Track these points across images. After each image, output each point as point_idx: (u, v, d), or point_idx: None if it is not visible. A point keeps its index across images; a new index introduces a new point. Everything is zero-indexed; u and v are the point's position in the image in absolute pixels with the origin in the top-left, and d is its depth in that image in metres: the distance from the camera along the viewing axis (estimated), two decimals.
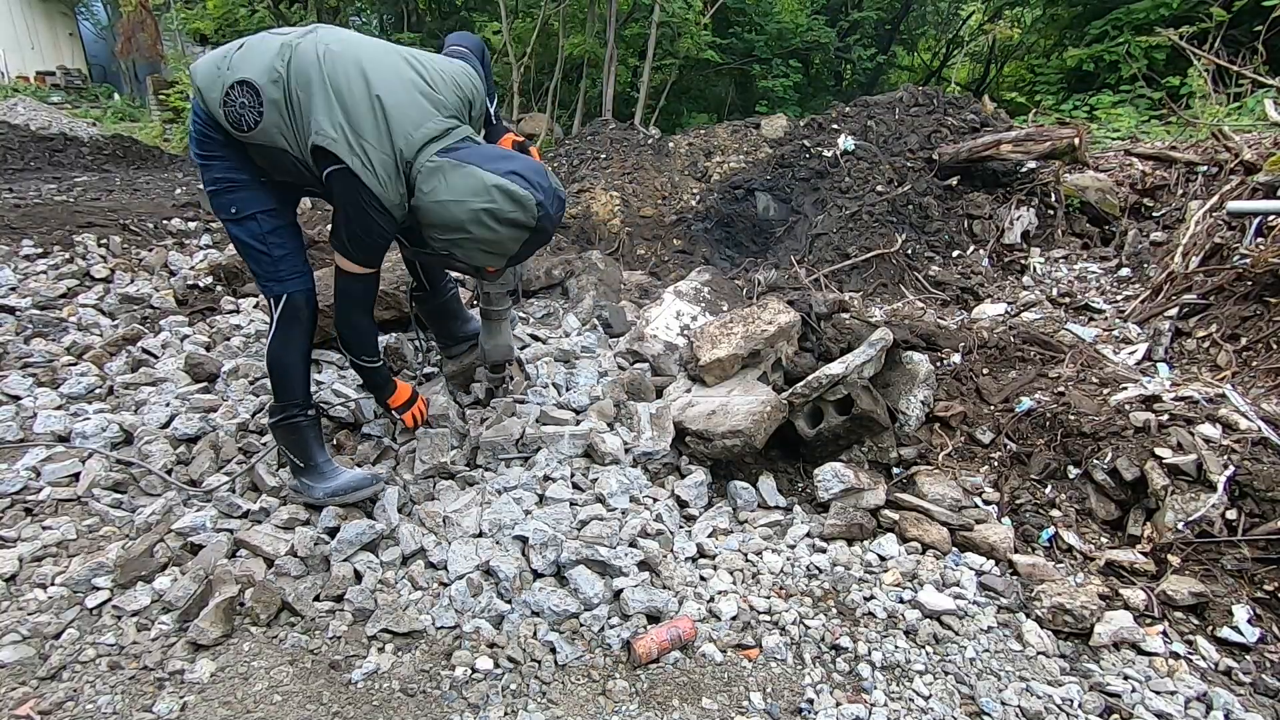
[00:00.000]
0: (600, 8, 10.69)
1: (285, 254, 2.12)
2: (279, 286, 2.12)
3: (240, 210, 2.05)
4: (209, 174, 2.05)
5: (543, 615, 1.98)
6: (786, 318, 2.98)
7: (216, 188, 2.05)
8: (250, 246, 2.09)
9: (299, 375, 2.23)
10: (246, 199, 2.05)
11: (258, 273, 2.13)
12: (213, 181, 2.04)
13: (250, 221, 2.06)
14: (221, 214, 2.08)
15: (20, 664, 1.74)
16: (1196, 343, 3.38)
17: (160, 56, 15.53)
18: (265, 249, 2.08)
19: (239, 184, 2.04)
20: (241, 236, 2.08)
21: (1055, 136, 5.01)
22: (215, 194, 2.06)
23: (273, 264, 2.09)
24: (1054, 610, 2.08)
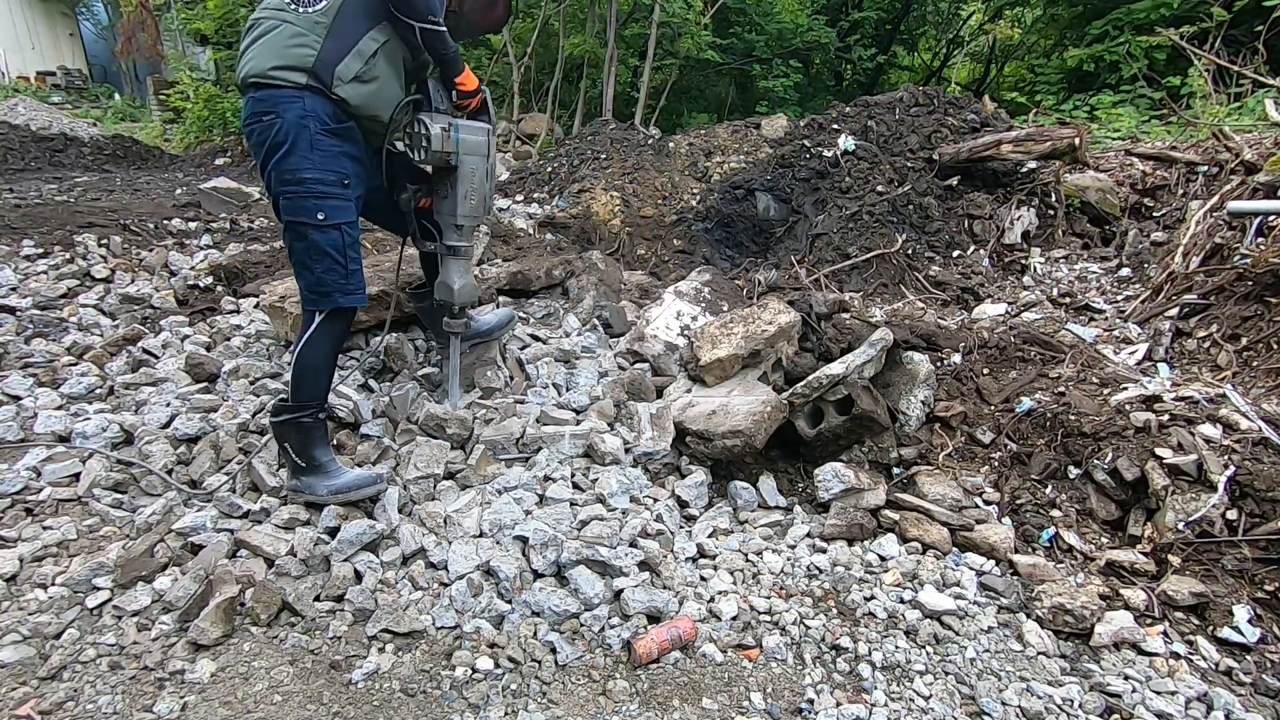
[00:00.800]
0: (600, 8, 10.69)
1: (356, 269, 2.21)
2: (347, 299, 2.19)
3: (329, 218, 2.11)
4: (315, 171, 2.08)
5: (543, 615, 1.99)
6: (786, 318, 2.99)
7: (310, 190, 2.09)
8: (330, 256, 2.13)
9: (326, 380, 2.26)
10: (337, 208, 2.12)
11: (326, 281, 2.15)
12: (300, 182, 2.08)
13: (334, 231, 2.13)
14: (303, 217, 2.10)
15: (20, 664, 1.74)
16: (1197, 343, 3.38)
17: (160, 56, 15.53)
18: (343, 261, 2.16)
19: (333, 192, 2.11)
20: (322, 244, 2.12)
21: (1055, 136, 5.01)
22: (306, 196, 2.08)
23: (345, 276, 2.17)
24: (1054, 610, 2.08)
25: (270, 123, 2.05)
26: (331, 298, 2.16)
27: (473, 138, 2.41)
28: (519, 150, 9.67)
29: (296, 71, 2.04)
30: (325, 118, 2.08)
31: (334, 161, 2.11)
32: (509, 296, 3.61)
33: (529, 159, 8.68)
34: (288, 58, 2.04)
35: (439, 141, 2.31)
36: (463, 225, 2.50)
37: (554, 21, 10.91)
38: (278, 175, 2.08)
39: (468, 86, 2.38)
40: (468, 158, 2.41)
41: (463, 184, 2.43)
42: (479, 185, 2.47)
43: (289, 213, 2.10)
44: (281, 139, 2.04)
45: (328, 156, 2.09)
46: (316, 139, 2.06)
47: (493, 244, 4.35)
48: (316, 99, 2.06)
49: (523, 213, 6.00)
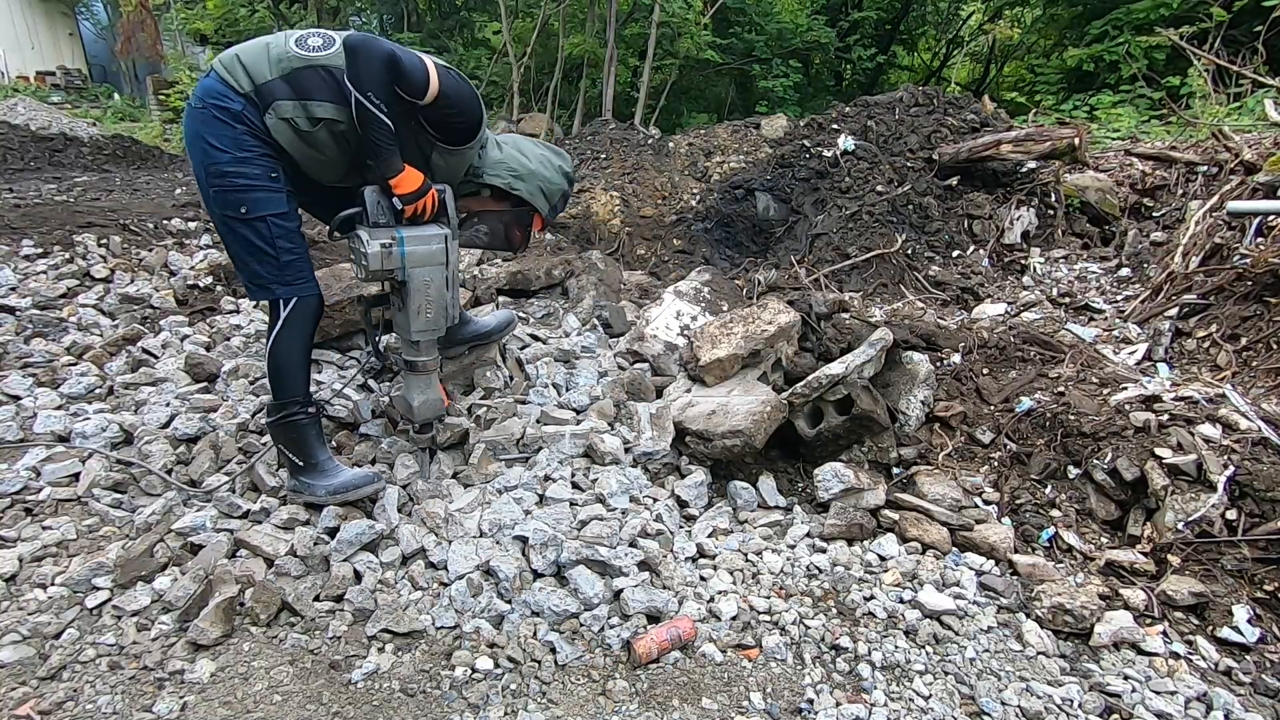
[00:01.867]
0: (600, 8, 10.69)
1: (293, 259, 2.15)
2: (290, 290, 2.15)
3: (251, 210, 2.07)
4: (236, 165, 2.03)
5: (543, 615, 1.99)
6: (786, 318, 2.99)
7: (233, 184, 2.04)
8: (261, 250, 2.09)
9: (300, 374, 2.24)
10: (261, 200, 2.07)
11: (261, 274, 2.12)
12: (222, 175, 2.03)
13: (259, 223, 2.08)
14: (228, 211, 2.06)
15: (20, 664, 1.74)
16: (1196, 343, 3.38)
17: (160, 56, 15.55)
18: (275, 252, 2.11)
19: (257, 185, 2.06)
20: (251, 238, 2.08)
21: (1055, 136, 5.01)
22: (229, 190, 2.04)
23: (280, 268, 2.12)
24: (1054, 610, 2.09)
25: (199, 111, 2.02)
26: (269, 289, 2.13)
27: (423, 248, 2.16)
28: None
29: (247, 78, 2.01)
30: (257, 129, 2.04)
31: (259, 159, 2.05)
32: (509, 296, 3.61)
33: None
34: (249, 64, 2.02)
35: (378, 260, 2.09)
36: (418, 341, 2.28)
37: (554, 21, 10.91)
38: (203, 168, 2.04)
39: (405, 189, 2.11)
40: (418, 270, 2.16)
41: (415, 299, 2.20)
42: (435, 298, 2.23)
43: (217, 206, 2.07)
44: (207, 131, 2.01)
45: (252, 155, 2.04)
46: (241, 139, 2.01)
47: None
48: (251, 110, 2.03)
49: None
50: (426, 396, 2.34)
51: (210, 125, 2.01)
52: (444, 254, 2.21)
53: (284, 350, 2.19)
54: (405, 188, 2.11)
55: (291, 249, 2.13)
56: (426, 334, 2.29)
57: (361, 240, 2.10)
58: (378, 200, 2.12)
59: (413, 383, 2.34)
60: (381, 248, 2.09)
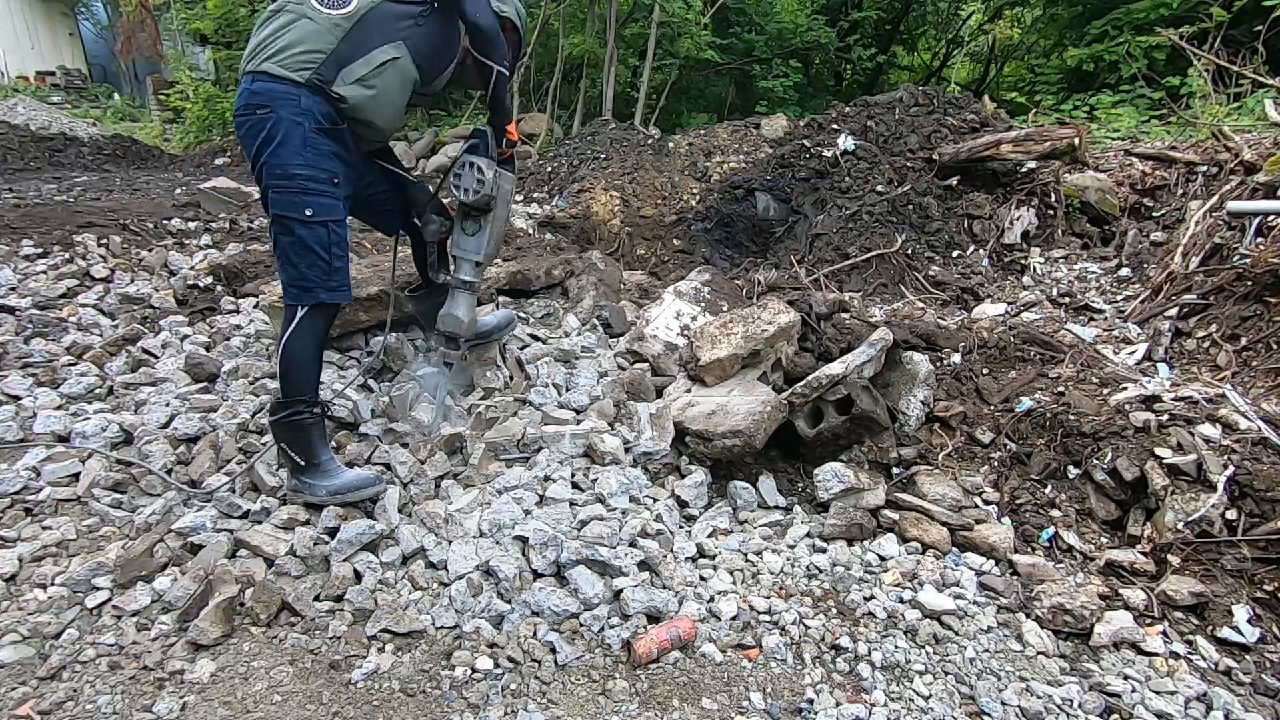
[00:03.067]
0: (600, 8, 10.69)
1: (341, 266, 2.23)
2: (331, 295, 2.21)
3: (316, 214, 2.12)
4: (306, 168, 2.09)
5: (543, 615, 1.99)
6: (786, 318, 2.99)
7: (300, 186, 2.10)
8: (315, 253, 2.14)
9: (312, 374, 2.25)
10: (326, 205, 2.14)
11: (309, 276, 2.16)
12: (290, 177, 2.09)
13: (320, 228, 2.14)
14: (291, 212, 2.11)
15: (20, 664, 1.74)
16: (1196, 343, 3.38)
17: (160, 56, 15.55)
18: (328, 258, 2.16)
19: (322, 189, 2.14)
20: (309, 240, 2.13)
21: (1055, 136, 5.01)
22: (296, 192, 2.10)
23: (328, 273, 2.18)
24: (1054, 610, 2.09)
25: (264, 116, 2.05)
26: (314, 293, 2.17)
27: (507, 185, 2.59)
28: (519, 150, 9.67)
29: (301, 69, 2.05)
30: (320, 117, 2.09)
31: (325, 160, 2.12)
32: (509, 296, 3.60)
33: (529, 159, 8.68)
34: (296, 54, 2.05)
35: (490, 185, 2.48)
36: (481, 264, 2.63)
37: (554, 21, 10.91)
38: (268, 169, 2.08)
39: (514, 136, 2.55)
40: (502, 204, 2.59)
41: (491, 225, 2.59)
42: (499, 229, 2.64)
43: (277, 207, 2.11)
44: (274, 133, 2.05)
45: (320, 155, 2.11)
46: (310, 137, 2.08)
47: None
48: (314, 98, 2.07)
49: (522, 213, 6.00)
50: (474, 314, 2.69)
51: (278, 126, 2.05)
52: (512, 193, 2.69)
53: (298, 349, 2.20)
54: (514, 135, 2.57)
55: (341, 256, 2.22)
56: (490, 257, 2.68)
57: (480, 168, 2.47)
58: (492, 136, 2.51)
59: (463, 301, 2.64)
60: (494, 175, 2.50)
